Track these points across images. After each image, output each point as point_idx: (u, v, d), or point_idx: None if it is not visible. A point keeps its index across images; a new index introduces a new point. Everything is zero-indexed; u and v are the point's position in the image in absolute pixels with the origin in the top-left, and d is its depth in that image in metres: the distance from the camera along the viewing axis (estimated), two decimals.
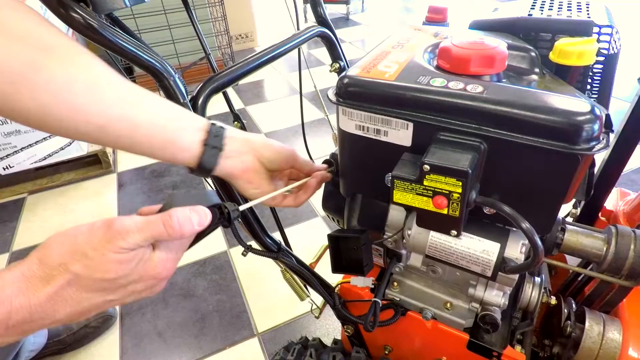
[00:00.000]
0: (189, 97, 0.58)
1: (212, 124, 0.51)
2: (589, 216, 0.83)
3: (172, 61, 2.84)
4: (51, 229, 1.90)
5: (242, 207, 0.50)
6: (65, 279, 0.36)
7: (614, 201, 0.84)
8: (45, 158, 2.04)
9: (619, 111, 0.60)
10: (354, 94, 0.51)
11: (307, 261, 0.83)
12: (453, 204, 0.46)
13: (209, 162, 0.50)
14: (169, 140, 0.48)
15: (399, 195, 0.49)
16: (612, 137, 0.74)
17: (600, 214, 0.83)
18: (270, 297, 1.54)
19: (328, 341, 0.86)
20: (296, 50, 0.79)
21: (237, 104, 2.93)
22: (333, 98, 0.53)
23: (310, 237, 1.80)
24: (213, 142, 0.50)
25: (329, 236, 0.63)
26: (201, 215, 0.42)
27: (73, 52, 0.43)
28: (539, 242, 0.43)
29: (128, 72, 3.01)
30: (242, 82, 3.23)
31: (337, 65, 0.84)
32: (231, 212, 0.47)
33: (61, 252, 0.37)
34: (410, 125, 0.49)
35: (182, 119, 0.50)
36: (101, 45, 0.52)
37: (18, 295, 0.35)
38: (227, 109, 0.86)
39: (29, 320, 0.36)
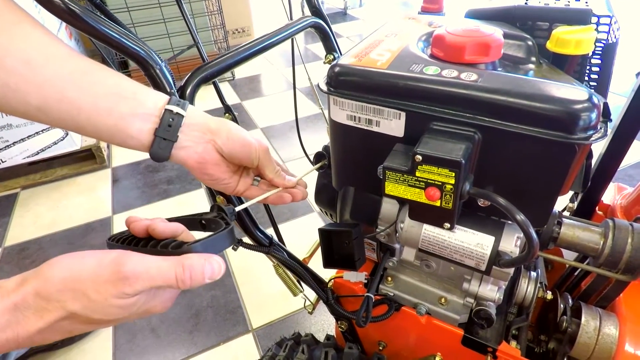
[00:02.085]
0: (177, 87, 0.56)
1: (168, 110, 0.45)
2: (586, 210, 0.81)
3: (167, 55, 2.83)
4: (44, 225, 1.89)
5: (238, 208, 0.50)
6: (60, 315, 0.34)
7: (611, 196, 0.83)
8: (38, 153, 2.02)
9: (616, 106, 0.59)
10: (345, 82, 0.50)
11: (302, 256, 0.81)
12: (446, 195, 0.44)
13: (160, 154, 0.46)
14: (116, 127, 0.43)
15: (390, 187, 0.47)
16: (610, 130, 0.73)
17: (597, 208, 0.81)
18: (265, 292, 1.53)
19: (322, 337, 0.85)
20: (294, 45, 0.78)
21: (234, 99, 2.91)
22: (324, 87, 0.52)
23: (306, 233, 1.79)
24: (164, 134, 0.45)
25: (320, 230, 0.61)
26: (214, 269, 0.38)
27: (9, 22, 0.38)
28: (534, 235, 0.41)
29: (123, 66, 2.98)
30: (238, 76, 3.21)
31: (332, 56, 0.82)
32: (228, 215, 0.46)
33: (61, 289, 0.34)
34: (403, 114, 0.47)
35: (133, 103, 0.44)
36: (83, 32, 0.50)
37: (6, 330, 0.33)
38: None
39: (15, 348, 0.34)
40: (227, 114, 0.83)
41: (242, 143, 0.50)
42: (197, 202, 2.05)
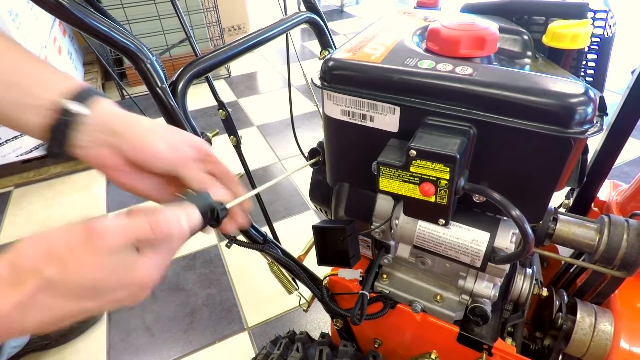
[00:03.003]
0: (169, 81, 0.56)
1: (62, 105, 0.40)
2: (581, 207, 0.81)
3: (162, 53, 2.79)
4: (38, 223, 1.87)
5: (229, 205, 0.48)
6: (36, 284, 0.32)
7: (606, 193, 0.83)
8: (31, 151, 2.00)
9: (612, 103, 0.58)
10: (339, 77, 0.49)
11: (298, 254, 0.81)
12: (441, 191, 0.44)
13: (51, 150, 0.42)
14: (7, 117, 0.40)
15: (385, 183, 0.47)
16: (605, 126, 0.73)
17: (592, 205, 0.81)
18: (261, 291, 1.52)
19: (318, 335, 0.84)
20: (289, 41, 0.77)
21: (229, 96, 2.90)
22: (318, 82, 0.51)
23: (301, 230, 1.78)
24: (57, 133, 0.41)
25: (314, 227, 0.61)
26: (189, 214, 0.38)
27: None
28: (530, 231, 0.41)
29: (118, 63, 2.96)
30: (234, 74, 3.19)
31: (327, 52, 0.81)
32: (219, 211, 0.45)
33: (34, 254, 0.33)
34: (397, 109, 0.47)
35: (24, 91, 0.40)
36: (72, 25, 0.49)
37: None
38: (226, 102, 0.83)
39: None
40: (220, 110, 0.83)
41: (150, 153, 0.43)
42: None
